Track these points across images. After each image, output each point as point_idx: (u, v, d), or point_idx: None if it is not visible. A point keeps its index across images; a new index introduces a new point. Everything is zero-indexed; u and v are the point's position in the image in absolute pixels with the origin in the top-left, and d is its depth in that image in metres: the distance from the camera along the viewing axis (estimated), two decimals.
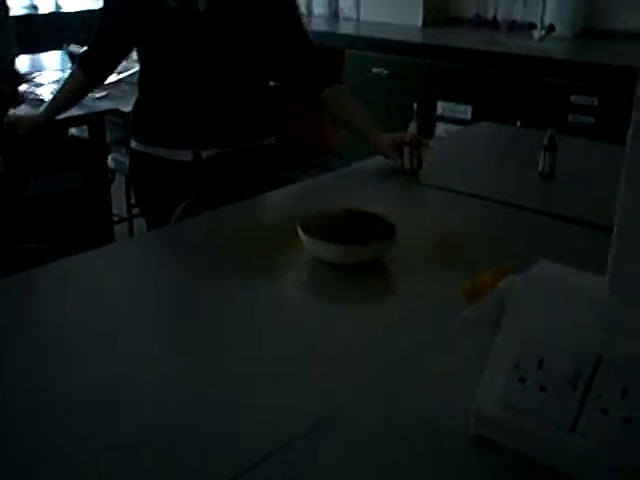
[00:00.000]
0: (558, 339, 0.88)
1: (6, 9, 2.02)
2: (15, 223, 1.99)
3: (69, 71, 2.50)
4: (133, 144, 2.14)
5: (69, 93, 2.34)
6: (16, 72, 2.15)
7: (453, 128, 3.64)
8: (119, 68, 2.38)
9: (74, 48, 3.32)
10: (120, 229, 3.47)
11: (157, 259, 1.53)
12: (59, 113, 2.47)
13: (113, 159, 3.38)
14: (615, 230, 0.87)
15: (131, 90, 3.20)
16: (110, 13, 2.10)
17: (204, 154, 2.03)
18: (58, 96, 2.38)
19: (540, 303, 0.93)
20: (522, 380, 0.89)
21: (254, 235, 1.56)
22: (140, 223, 3.46)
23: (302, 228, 1.40)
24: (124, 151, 3.40)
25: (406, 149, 1.92)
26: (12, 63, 2.13)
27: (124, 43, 2.15)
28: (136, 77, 3.24)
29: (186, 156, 2.03)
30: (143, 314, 1.28)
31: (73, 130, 3.08)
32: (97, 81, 2.34)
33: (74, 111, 2.59)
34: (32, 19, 4.47)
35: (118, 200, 3.43)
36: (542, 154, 1.88)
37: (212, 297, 1.30)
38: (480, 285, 1.00)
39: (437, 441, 0.93)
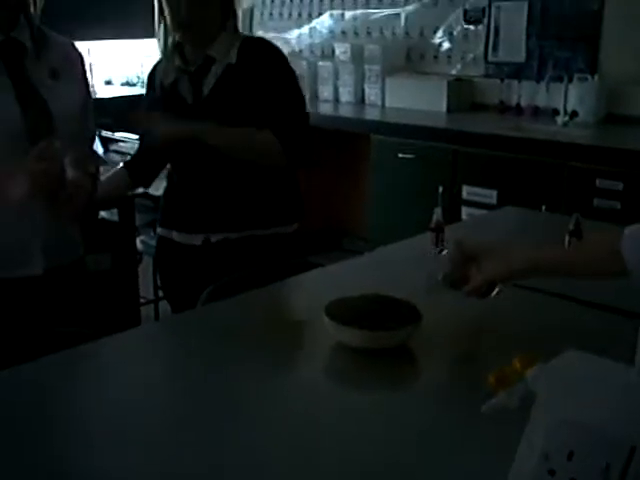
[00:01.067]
0: (589, 429, 0.86)
1: (89, 94, 2.09)
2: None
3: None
4: (158, 229, 2.20)
5: (115, 189, 2.34)
6: (97, 157, 2.22)
7: (478, 212, 3.65)
8: None
9: (106, 134, 3.42)
10: (146, 311, 3.50)
11: (181, 343, 1.53)
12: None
13: (141, 241, 3.43)
14: None
15: (161, 175, 3.27)
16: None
17: (213, 238, 2.07)
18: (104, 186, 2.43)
19: (569, 392, 0.91)
20: (552, 472, 0.87)
21: (279, 320, 1.57)
22: (165, 305, 3.49)
23: (327, 313, 1.40)
24: (152, 234, 3.45)
25: (432, 235, 1.93)
26: (103, 147, 2.22)
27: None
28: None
29: (197, 240, 2.08)
30: (164, 401, 1.27)
31: (103, 213, 3.14)
32: (141, 185, 2.39)
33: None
34: None
35: (145, 282, 3.47)
36: (567, 239, 1.87)
37: (235, 383, 1.29)
38: (508, 373, 0.99)
39: None
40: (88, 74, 2.06)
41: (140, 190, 3.01)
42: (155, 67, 2.16)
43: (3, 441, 1.12)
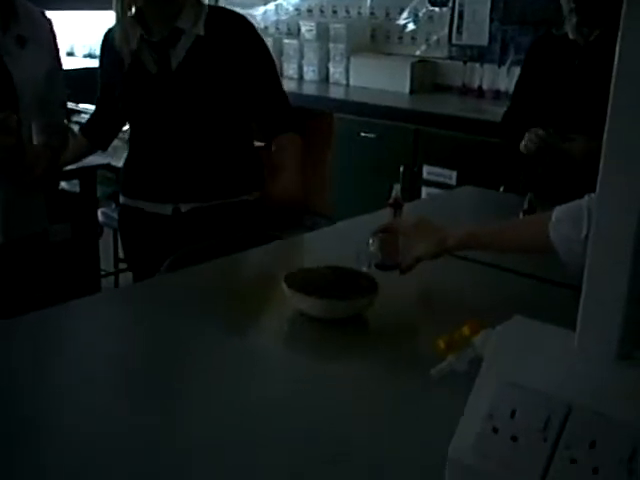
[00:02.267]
0: (530, 390, 0.91)
1: (59, 62, 2.08)
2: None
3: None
4: (121, 199, 2.20)
5: (72, 154, 2.36)
6: (67, 128, 2.20)
7: (438, 192, 3.71)
8: None
9: (70, 105, 3.39)
10: (107, 283, 3.50)
11: (140, 311, 1.55)
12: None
13: (102, 213, 3.42)
14: (584, 288, 0.91)
15: (122, 146, 3.26)
16: (104, 84, 2.19)
17: (183, 208, 2.08)
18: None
19: (514, 356, 0.96)
20: (495, 430, 0.92)
21: (238, 290, 1.60)
22: (126, 277, 3.49)
23: (286, 283, 1.44)
24: (113, 206, 3.45)
25: (389, 210, 1.97)
26: (66, 118, 2.20)
27: (116, 113, 2.21)
28: (127, 134, 3.33)
29: (167, 209, 2.08)
30: (122, 365, 1.29)
31: (64, 184, 3.12)
32: (99, 148, 2.40)
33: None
34: None
35: (105, 254, 3.46)
36: (521, 217, 1.93)
37: (194, 350, 1.32)
38: (457, 338, 1.03)
39: None
40: (57, 42, 2.05)
41: (103, 161, 3.02)
42: (107, 36, 2.11)
43: None
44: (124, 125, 2.36)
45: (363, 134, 4.07)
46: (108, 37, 2.10)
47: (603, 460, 0.85)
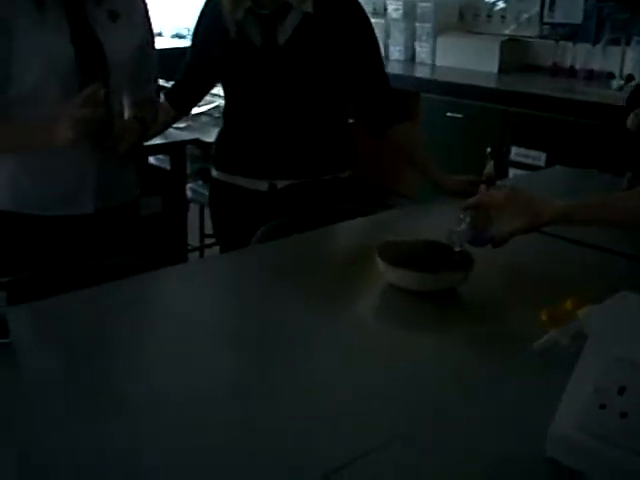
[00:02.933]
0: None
1: (153, 39, 2.11)
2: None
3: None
4: (214, 173, 2.21)
5: (157, 124, 2.41)
6: (158, 102, 2.24)
7: (526, 173, 3.63)
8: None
9: (160, 83, 3.46)
10: (192, 257, 3.56)
11: (232, 280, 1.57)
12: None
13: (190, 189, 3.48)
14: None
15: (210, 122, 3.31)
16: (198, 50, 2.19)
17: (279, 184, 2.09)
18: None
19: (622, 331, 0.93)
20: (602, 406, 0.89)
21: (331, 261, 1.60)
22: (211, 252, 3.55)
23: (380, 255, 1.43)
24: (200, 182, 3.50)
25: (482, 187, 1.93)
26: (154, 92, 2.23)
27: (209, 78, 2.24)
28: (215, 110, 3.37)
29: (262, 186, 2.09)
30: (215, 332, 1.31)
31: (153, 159, 3.19)
32: (182, 113, 2.40)
33: (156, 140, 2.68)
34: None
35: (191, 229, 3.52)
36: None
37: (287, 319, 1.33)
38: (560, 312, 1.01)
39: (509, 462, 0.93)
40: (150, 19, 2.07)
41: (192, 137, 3.07)
42: (210, 2, 2.11)
43: (60, 360, 1.18)
44: (208, 92, 2.37)
45: (450, 114, 4.01)
46: (211, 3, 2.11)
47: None
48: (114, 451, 0.94)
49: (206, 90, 2.33)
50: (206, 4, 2.15)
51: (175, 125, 2.83)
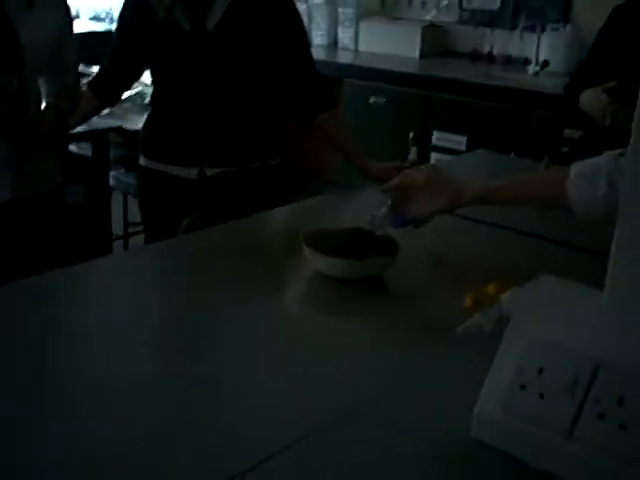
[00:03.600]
0: (558, 347, 0.92)
1: (71, 24, 2.05)
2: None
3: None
4: (142, 161, 2.19)
5: (80, 114, 2.33)
6: (79, 90, 2.18)
7: (447, 158, 3.70)
8: None
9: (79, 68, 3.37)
10: (117, 246, 3.50)
11: (160, 270, 1.56)
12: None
13: (112, 177, 3.42)
14: (613, 246, 0.92)
15: (133, 109, 3.26)
16: (124, 37, 2.15)
17: (209, 172, 2.08)
18: None
19: (542, 313, 0.97)
20: (523, 387, 0.93)
21: (257, 250, 1.60)
22: (135, 241, 3.50)
23: (306, 242, 1.44)
24: (123, 170, 3.44)
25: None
26: (75, 80, 2.16)
27: (136, 66, 2.20)
28: (138, 97, 3.31)
29: (192, 173, 2.08)
30: (142, 323, 1.30)
31: (74, 147, 3.12)
32: (106, 104, 2.35)
33: (78, 128, 2.62)
34: None
35: (114, 218, 3.46)
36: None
37: (214, 308, 1.32)
38: (483, 296, 1.04)
39: (435, 445, 0.96)
40: (68, 3, 2.03)
41: (114, 124, 3.01)
42: None
43: None
44: (135, 81, 2.34)
45: (373, 99, 4.05)
46: None
47: (632, 415, 0.86)
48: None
49: (133, 79, 2.28)
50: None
51: None
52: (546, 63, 3.97)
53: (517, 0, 4.19)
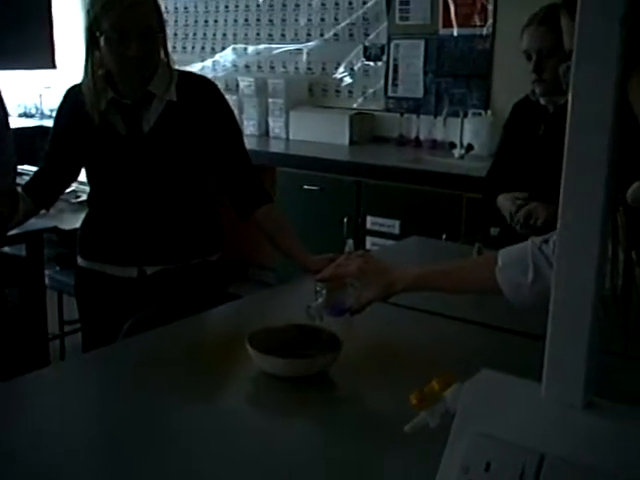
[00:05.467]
0: (503, 442, 0.95)
1: (7, 122, 2.04)
2: None
3: None
4: (80, 261, 2.18)
5: (18, 215, 2.28)
6: (15, 192, 2.15)
7: (382, 242, 3.78)
8: None
9: None
10: (53, 346, 3.43)
11: (102, 377, 1.54)
12: None
13: (47, 276, 3.37)
14: (548, 340, 0.96)
15: (67, 208, 3.25)
16: (60, 140, 2.16)
17: (149, 270, 2.08)
18: None
19: (485, 409, 1.00)
20: None
21: (201, 351, 1.60)
22: (73, 340, 3.44)
23: (250, 343, 1.45)
24: (58, 268, 3.41)
25: None
26: (13, 182, 2.14)
27: (72, 169, 2.21)
28: (72, 195, 3.31)
29: (131, 272, 2.08)
30: (86, 431, 1.28)
31: (7, 249, 3.08)
32: (42, 207, 2.31)
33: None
34: None
35: (49, 317, 3.40)
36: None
37: (159, 414, 1.31)
38: (427, 393, 1.06)
39: None
40: (4, 102, 2.03)
41: (49, 225, 2.99)
42: (71, 92, 2.12)
43: None
44: (71, 184, 2.35)
45: (306, 187, 4.14)
46: (71, 93, 2.10)
47: None
48: None
49: (69, 181, 2.29)
50: (67, 94, 2.14)
51: None
52: (470, 147, 4.14)
53: (439, 88, 4.38)
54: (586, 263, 0.91)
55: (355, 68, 4.73)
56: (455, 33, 4.27)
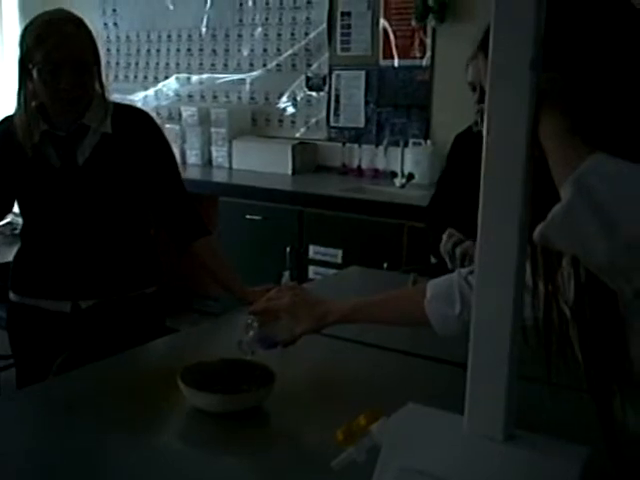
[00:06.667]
0: (427, 475, 0.96)
1: None
2: None
3: None
4: (12, 296, 2.13)
5: None
6: None
7: (325, 271, 3.79)
8: None
9: None
10: None
11: (34, 415, 1.51)
12: None
13: None
14: (469, 375, 0.97)
15: (3, 240, 3.18)
16: None
17: (83, 304, 2.05)
18: None
19: (410, 443, 1.00)
20: None
21: (134, 387, 1.58)
22: (6, 376, 3.35)
23: (182, 379, 1.44)
24: None
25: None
26: None
27: (5, 202, 2.16)
28: (7, 228, 3.25)
29: (65, 307, 2.05)
30: (18, 470, 1.25)
31: None
32: None
33: None
34: None
35: None
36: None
37: (90, 452, 1.29)
38: (354, 428, 1.07)
39: None
40: None
41: None
42: (1, 127, 2.08)
43: None
44: (4, 217, 2.31)
45: (249, 216, 4.14)
46: (4, 125, 2.07)
47: None
48: None
49: (2, 214, 2.24)
50: None
51: None
52: (411, 176, 4.20)
53: (380, 118, 4.44)
54: (502, 294, 0.93)
55: (298, 98, 4.77)
56: (396, 64, 4.34)
